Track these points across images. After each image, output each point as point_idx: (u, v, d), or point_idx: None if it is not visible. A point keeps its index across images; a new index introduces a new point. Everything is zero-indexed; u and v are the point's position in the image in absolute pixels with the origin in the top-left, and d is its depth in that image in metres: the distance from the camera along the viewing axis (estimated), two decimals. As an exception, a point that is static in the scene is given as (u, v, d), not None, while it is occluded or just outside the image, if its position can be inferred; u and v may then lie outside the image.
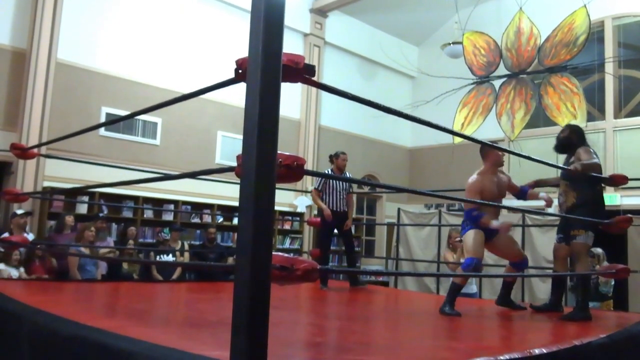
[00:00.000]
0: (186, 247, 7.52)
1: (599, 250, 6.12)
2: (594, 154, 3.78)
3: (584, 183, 3.70)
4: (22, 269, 5.64)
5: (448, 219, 8.77)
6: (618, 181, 3.71)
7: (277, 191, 1.53)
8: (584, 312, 3.56)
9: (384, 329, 3.38)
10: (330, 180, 5.32)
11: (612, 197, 8.67)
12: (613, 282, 6.02)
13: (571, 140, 3.91)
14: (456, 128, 7.99)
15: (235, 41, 8.63)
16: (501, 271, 6.95)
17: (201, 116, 8.63)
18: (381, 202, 11.68)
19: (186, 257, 7.33)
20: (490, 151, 3.93)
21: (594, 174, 3.66)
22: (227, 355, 1.44)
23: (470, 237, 3.87)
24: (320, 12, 10.35)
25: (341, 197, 5.37)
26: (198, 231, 8.49)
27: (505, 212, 8.77)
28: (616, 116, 9.33)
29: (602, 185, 3.94)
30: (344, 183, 5.43)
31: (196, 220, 8.53)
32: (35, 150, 4.29)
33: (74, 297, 4.09)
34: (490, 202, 3.68)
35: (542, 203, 4.05)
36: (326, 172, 5.47)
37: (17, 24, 7.07)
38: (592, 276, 5.74)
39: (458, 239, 6.23)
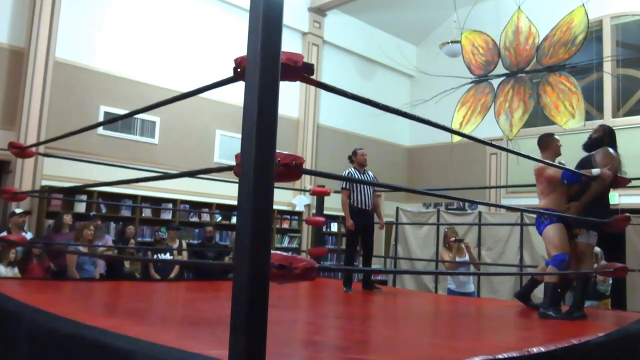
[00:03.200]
0: (184, 246, 7.51)
1: (596, 248, 6.12)
2: (615, 153, 3.77)
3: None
4: (15, 269, 5.60)
5: (446, 218, 8.78)
6: (620, 184, 3.73)
7: (275, 190, 1.53)
8: (580, 311, 3.60)
9: (383, 328, 3.38)
10: (355, 178, 5.24)
11: (611, 196, 8.64)
12: (611, 281, 6.03)
13: (603, 142, 3.90)
14: (454, 127, 7.97)
15: (235, 40, 8.61)
16: (501, 270, 7.00)
17: (200, 115, 8.62)
18: (380, 201, 11.66)
19: (184, 256, 7.32)
20: (551, 141, 3.90)
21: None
22: (226, 354, 1.45)
23: (556, 231, 3.66)
24: (319, 11, 10.34)
25: (367, 194, 5.32)
26: (197, 230, 8.48)
27: (503, 211, 8.82)
28: (614, 115, 9.33)
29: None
30: (370, 180, 5.42)
31: (195, 219, 8.53)
32: (34, 149, 4.28)
33: (73, 296, 4.09)
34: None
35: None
36: (347, 171, 5.41)
37: (15, 23, 7.05)
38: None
39: (453, 238, 6.23)
